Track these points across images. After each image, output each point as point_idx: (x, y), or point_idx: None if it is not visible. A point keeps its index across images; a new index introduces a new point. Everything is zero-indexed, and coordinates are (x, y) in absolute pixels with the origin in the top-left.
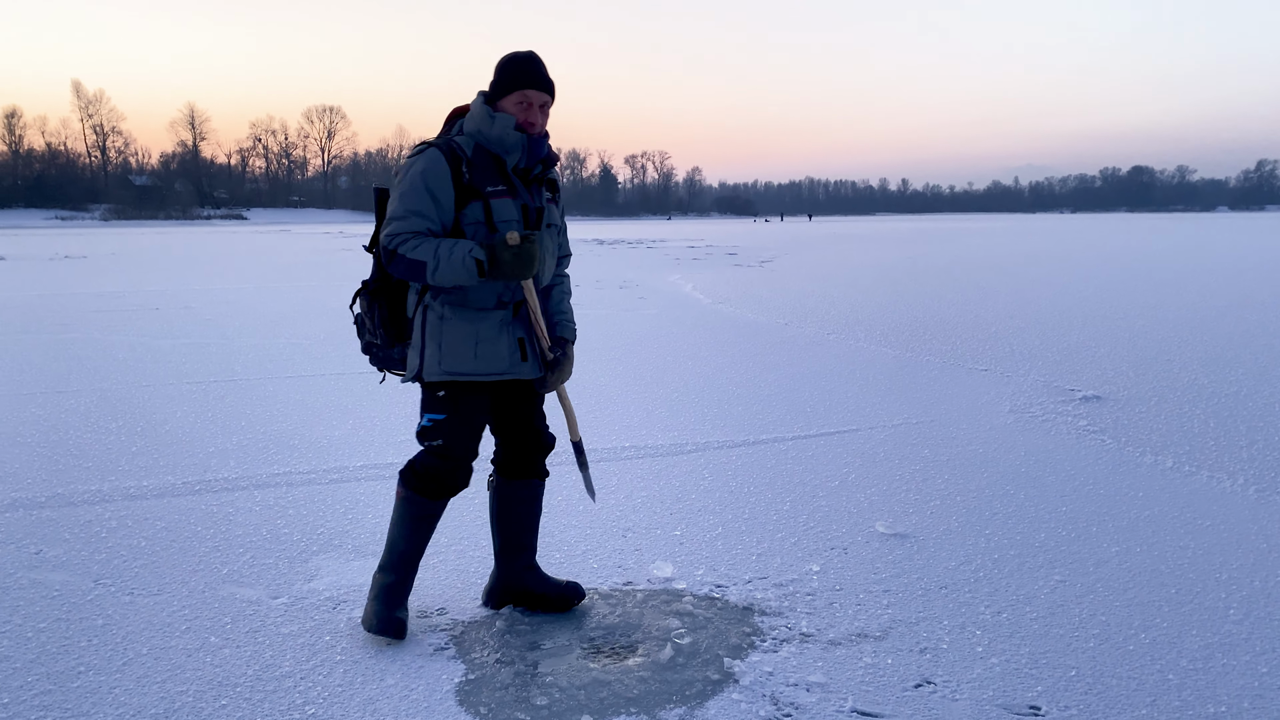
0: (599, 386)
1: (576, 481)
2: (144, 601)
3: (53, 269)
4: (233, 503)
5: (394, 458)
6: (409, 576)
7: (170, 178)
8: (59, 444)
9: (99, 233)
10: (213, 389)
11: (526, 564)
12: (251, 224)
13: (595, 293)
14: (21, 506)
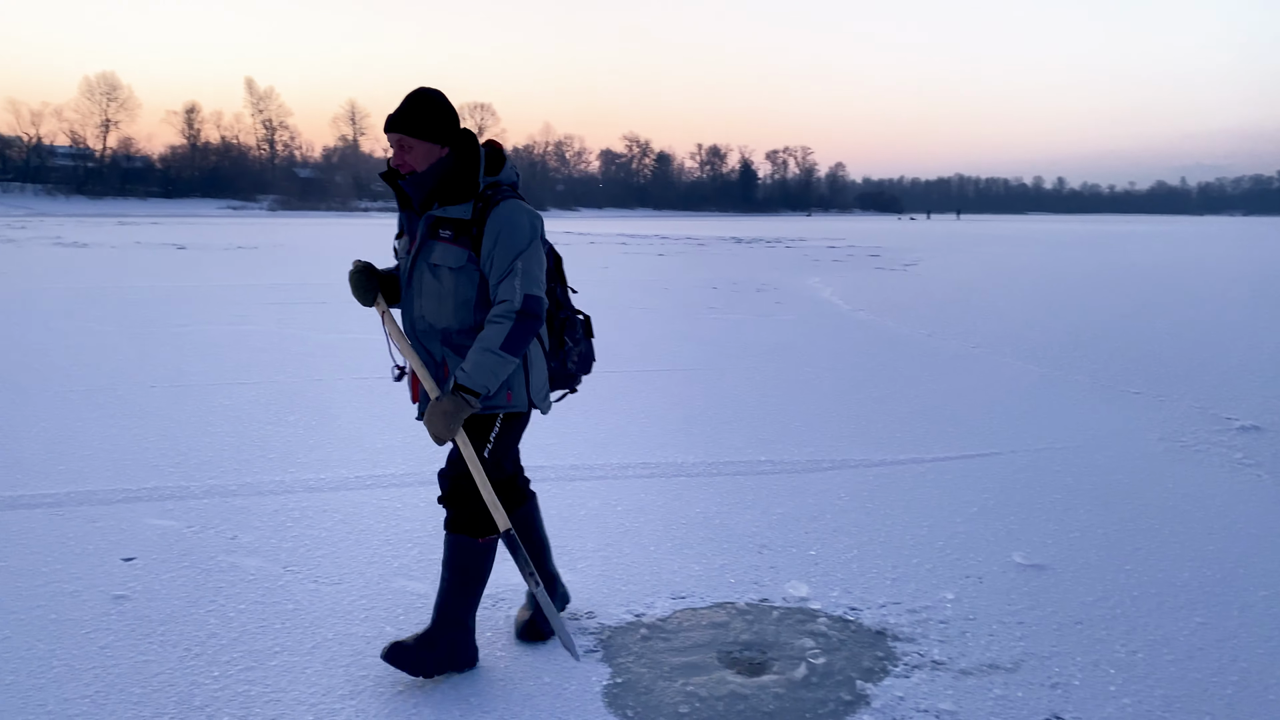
0: (735, 395)
1: (705, 495)
2: (327, 590)
3: (228, 259)
4: (400, 498)
5: (543, 460)
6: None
7: (331, 170)
8: (244, 434)
9: (267, 222)
10: (378, 385)
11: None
12: None
13: (731, 296)
14: (217, 494)
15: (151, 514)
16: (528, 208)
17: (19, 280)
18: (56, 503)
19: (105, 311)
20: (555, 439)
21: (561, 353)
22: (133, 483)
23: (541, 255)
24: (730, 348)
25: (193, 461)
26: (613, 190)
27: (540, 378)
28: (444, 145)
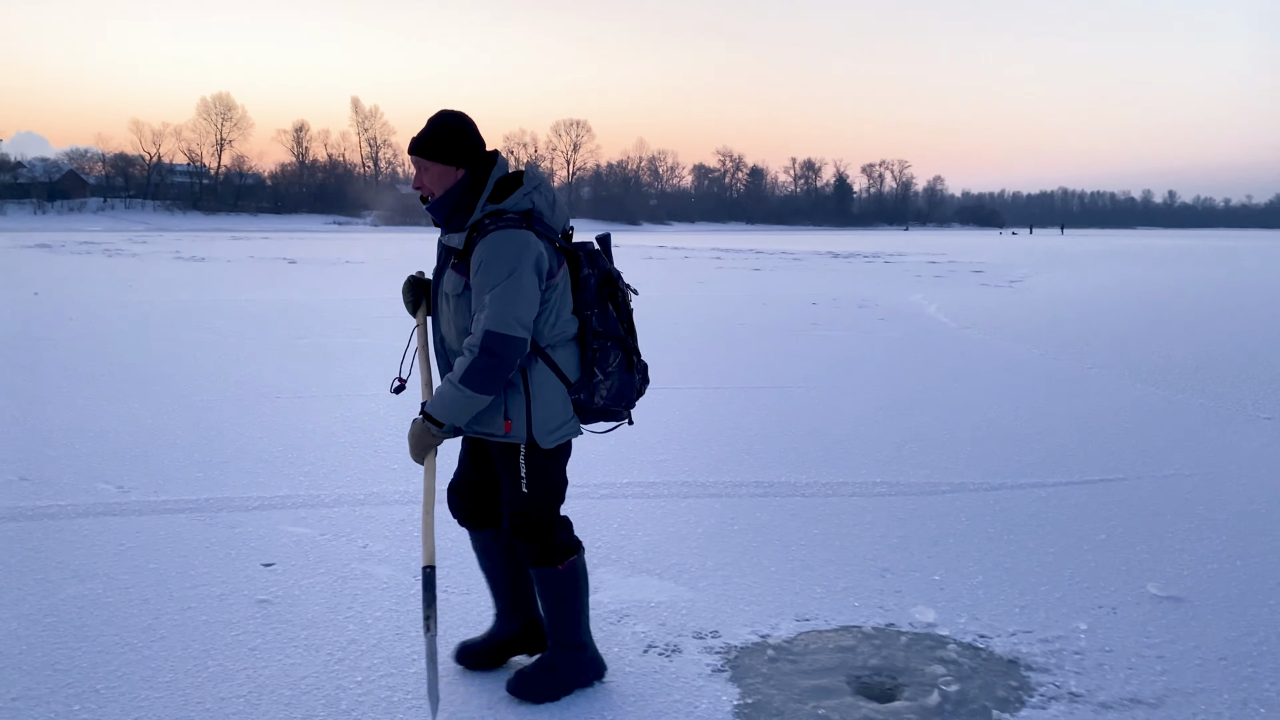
0: (845, 414)
1: (822, 516)
2: (457, 600)
3: (338, 274)
4: None
5: (656, 477)
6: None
7: None
8: (367, 445)
9: (371, 238)
10: None
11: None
12: None
13: (833, 312)
14: (346, 502)
15: (286, 521)
16: (521, 238)
17: (144, 293)
18: (198, 508)
19: (227, 324)
20: (667, 455)
21: (591, 384)
22: (267, 490)
23: (523, 289)
24: (836, 365)
25: (321, 470)
26: (705, 204)
27: (548, 411)
28: (459, 167)
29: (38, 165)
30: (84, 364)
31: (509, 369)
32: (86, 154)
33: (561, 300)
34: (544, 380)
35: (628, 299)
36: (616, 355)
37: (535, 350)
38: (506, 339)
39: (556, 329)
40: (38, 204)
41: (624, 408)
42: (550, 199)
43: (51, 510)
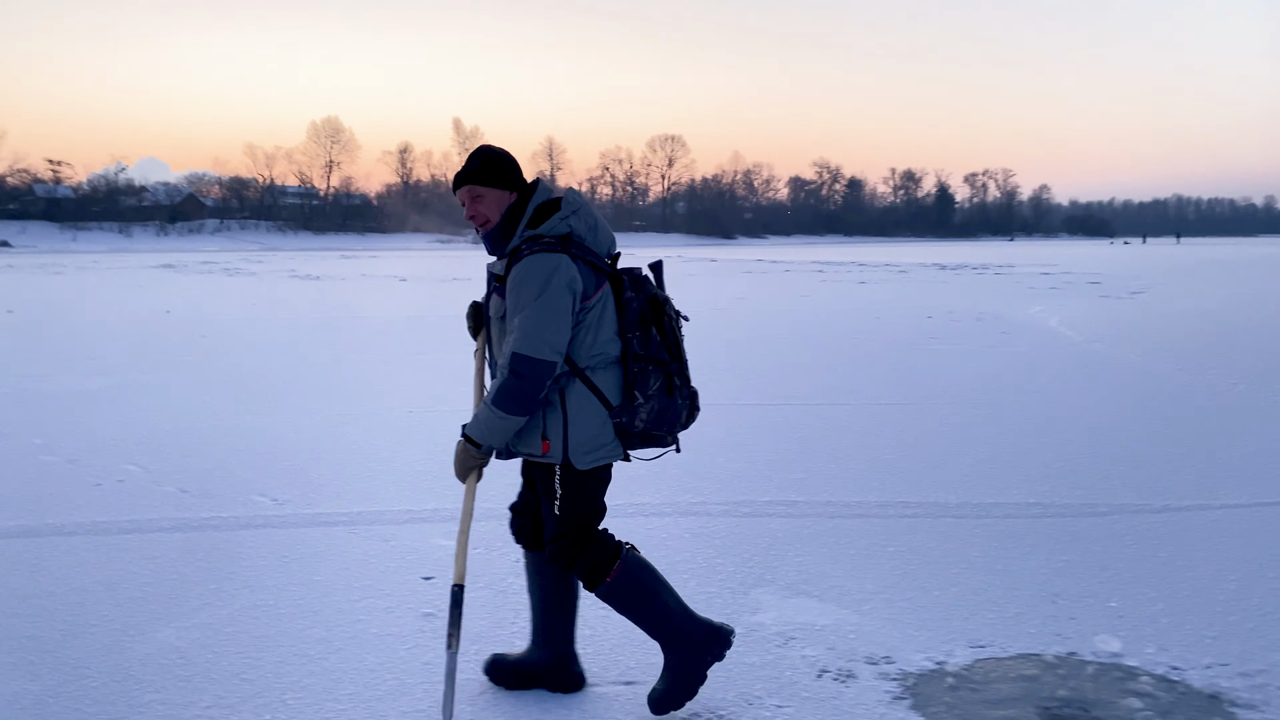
0: (983, 432)
1: (978, 538)
2: (614, 618)
3: (447, 290)
4: (664, 527)
5: (798, 495)
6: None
7: None
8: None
9: (475, 255)
10: None
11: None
12: None
13: (949, 325)
14: (493, 516)
15: (437, 535)
16: (553, 262)
17: (267, 310)
18: (351, 521)
19: (349, 339)
20: (805, 473)
21: (632, 408)
22: (414, 503)
23: (553, 312)
24: (963, 381)
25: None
26: (801, 217)
27: (585, 434)
28: (512, 191)
29: (160, 189)
30: (221, 379)
31: (538, 391)
32: (204, 177)
33: (600, 322)
34: (582, 402)
35: (677, 324)
36: (658, 379)
37: (574, 371)
38: (533, 361)
39: (595, 351)
40: (160, 226)
41: (666, 432)
42: (591, 222)
43: (214, 522)
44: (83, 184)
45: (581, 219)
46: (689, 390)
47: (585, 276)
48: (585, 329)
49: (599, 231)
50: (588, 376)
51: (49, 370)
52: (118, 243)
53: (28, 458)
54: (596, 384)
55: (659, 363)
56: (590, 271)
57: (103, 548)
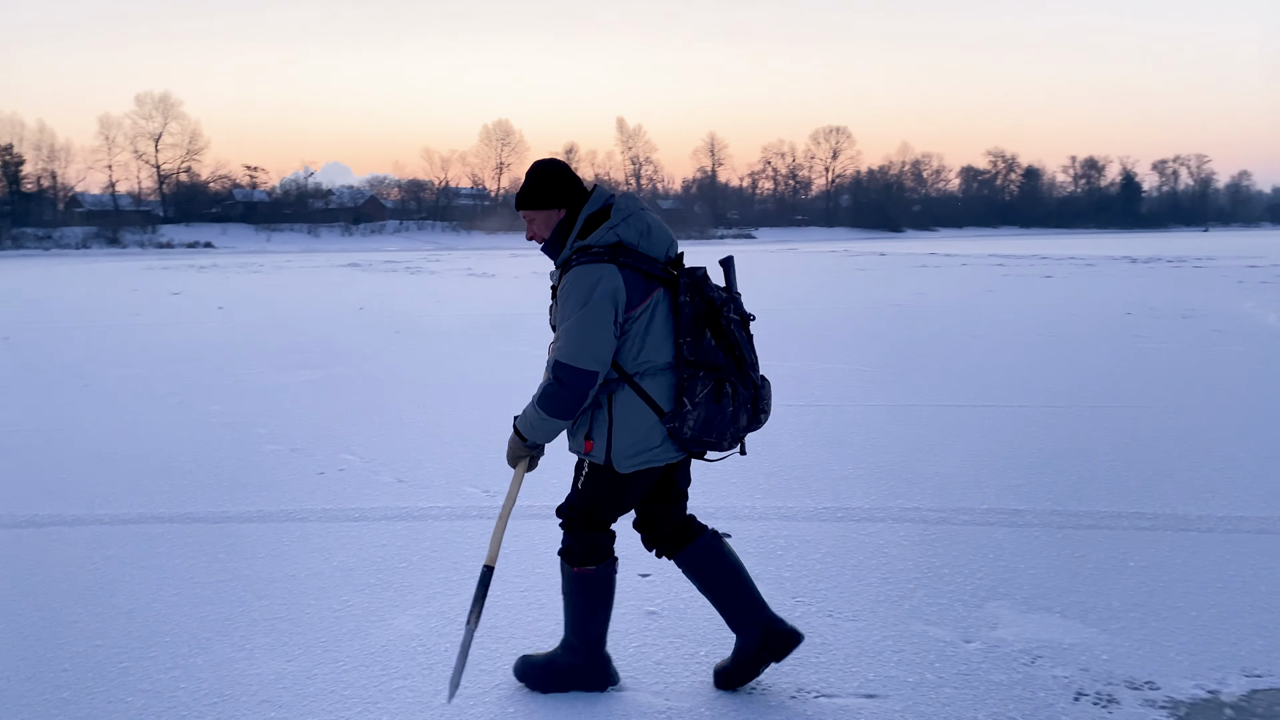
0: (1210, 439)
1: (1223, 555)
2: (846, 626)
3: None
4: (880, 533)
5: (1019, 503)
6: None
7: (690, 201)
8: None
9: None
10: (808, 414)
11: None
12: (759, 242)
13: (1153, 323)
14: (700, 515)
15: None
16: (596, 273)
17: (451, 306)
18: (541, 514)
19: (530, 336)
20: (1022, 479)
21: (681, 414)
22: None
23: (594, 323)
24: (1181, 382)
25: None
26: (974, 208)
27: (630, 439)
28: (560, 208)
29: (344, 192)
30: (418, 373)
31: (579, 398)
32: (384, 180)
33: (648, 330)
34: (629, 407)
35: (739, 325)
36: (705, 386)
37: (622, 377)
38: (573, 370)
39: (643, 358)
40: (345, 227)
41: (716, 439)
42: (642, 228)
43: (433, 511)
44: (275, 188)
45: (631, 226)
46: (747, 394)
47: (633, 285)
48: (632, 337)
49: (652, 236)
50: (636, 383)
51: (262, 364)
52: (307, 243)
53: (255, 447)
54: (646, 390)
55: (710, 368)
56: (639, 279)
57: (334, 534)
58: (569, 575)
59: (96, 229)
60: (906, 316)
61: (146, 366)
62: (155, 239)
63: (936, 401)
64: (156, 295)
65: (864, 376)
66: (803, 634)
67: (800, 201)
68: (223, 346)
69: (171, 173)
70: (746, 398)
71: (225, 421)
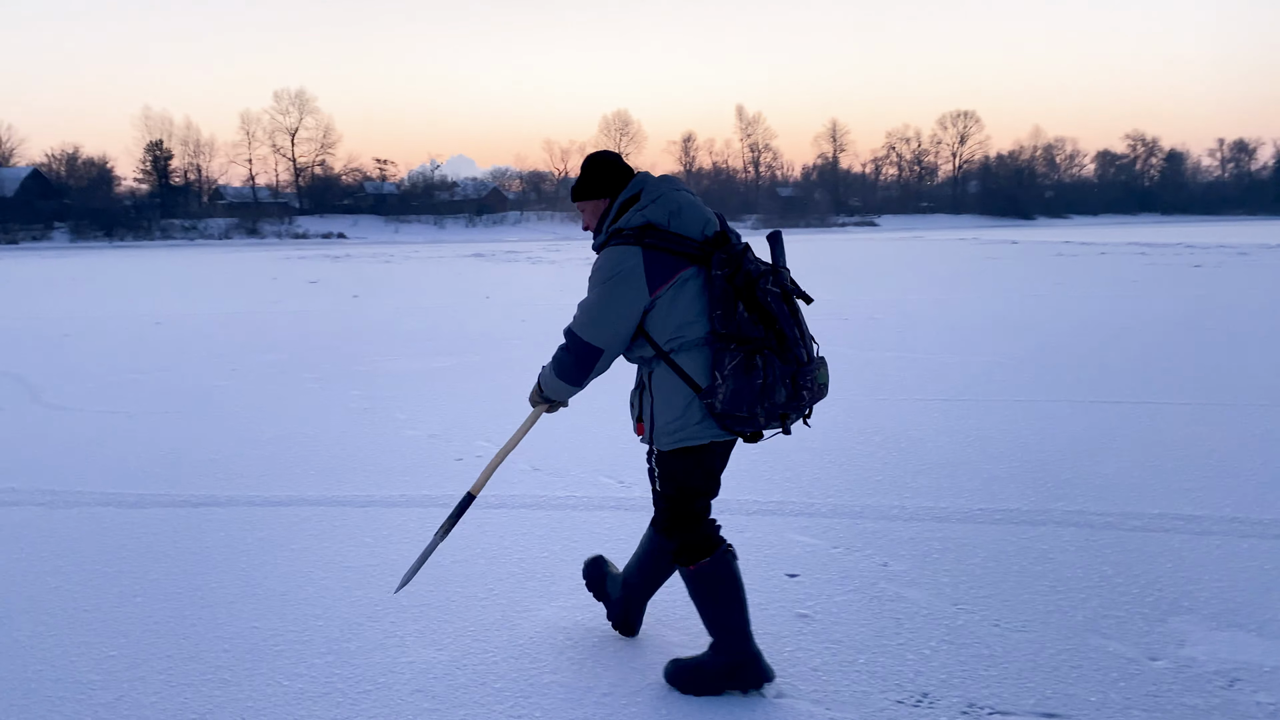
0: None
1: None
2: (1016, 638)
3: None
4: (1043, 538)
5: (1194, 509)
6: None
7: (810, 188)
8: (844, 452)
9: (753, 240)
10: (950, 408)
11: None
12: (882, 230)
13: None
14: (844, 514)
15: (791, 529)
16: (619, 255)
17: (574, 296)
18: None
19: None
20: (1195, 484)
21: (714, 388)
22: (763, 494)
23: (608, 302)
24: None
25: (805, 478)
26: (1110, 195)
27: (666, 416)
28: (605, 197)
29: (469, 184)
30: (546, 360)
31: (584, 368)
32: (506, 172)
33: (675, 305)
34: (666, 384)
35: (785, 298)
36: (734, 358)
37: (659, 354)
38: (579, 340)
39: (674, 333)
40: (469, 218)
41: (748, 413)
42: (672, 208)
43: (570, 501)
44: (403, 180)
45: (660, 207)
46: (785, 369)
47: (657, 263)
48: (662, 312)
49: (683, 216)
50: (671, 359)
51: (397, 350)
52: (433, 234)
53: (395, 432)
54: (681, 365)
55: (743, 340)
56: (666, 257)
57: (477, 520)
58: (687, 576)
59: (237, 220)
60: (1047, 307)
61: (288, 352)
62: (291, 230)
63: (1090, 397)
64: (295, 284)
65: (1007, 369)
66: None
67: (925, 188)
68: (359, 333)
69: (306, 166)
70: (784, 372)
71: (364, 407)
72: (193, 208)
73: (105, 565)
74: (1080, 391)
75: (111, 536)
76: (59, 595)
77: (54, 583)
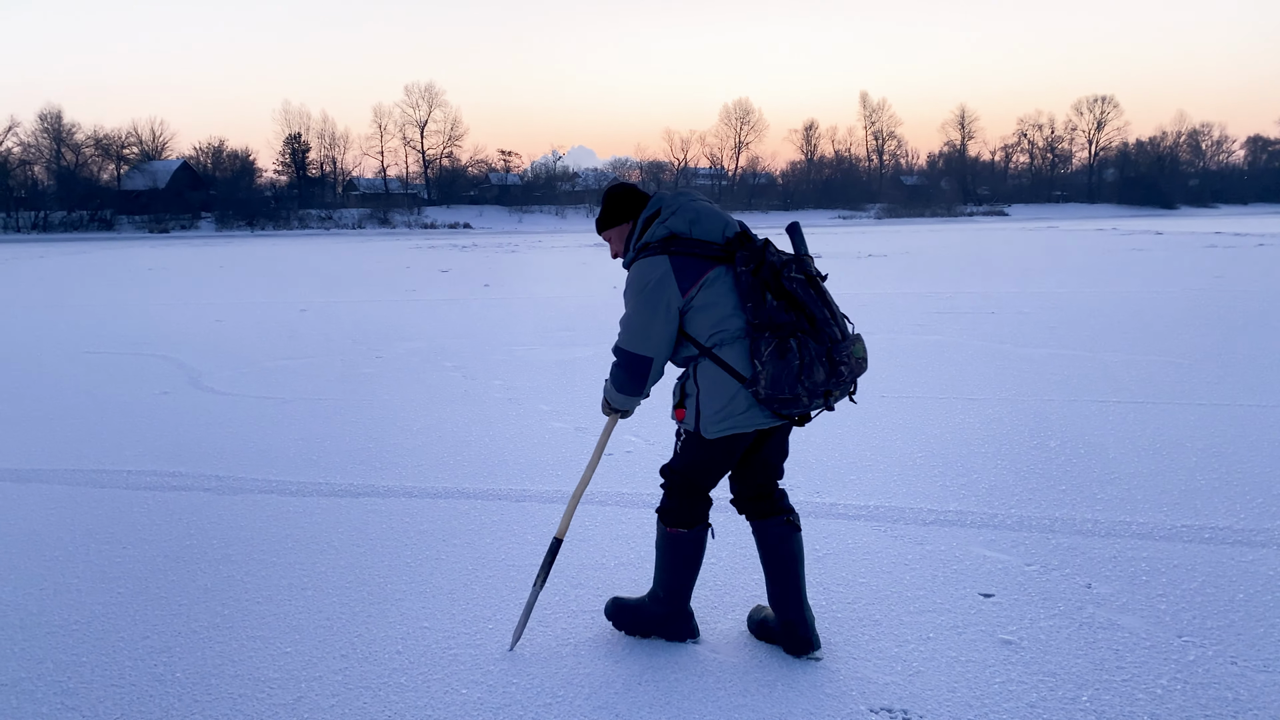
0: None
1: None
2: (1259, 679)
3: (859, 266)
4: (1263, 561)
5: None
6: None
7: (936, 177)
8: (1018, 459)
9: (879, 230)
10: (1128, 411)
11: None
12: (1013, 220)
13: None
14: (1029, 527)
15: (976, 542)
16: (646, 267)
17: None
18: (874, 516)
19: None
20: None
21: (756, 376)
22: (936, 502)
23: (645, 312)
24: None
25: (981, 486)
26: (1263, 182)
27: (714, 405)
28: (628, 221)
29: (589, 175)
30: None
31: (639, 378)
32: (626, 163)
33: (712, 304)
34: (712, 377)
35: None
36: (769, 344)
37: (702, 352)
38: (629, 354)
39: (715, 329)
40: (589, 208)
41: (791, 394)
42: (691, 216)
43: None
44: (526, 171)
45: (680, 217)
46: (819, 349)
47: (685, 268)
48: (698, 313)
49: (702, 222)
50: (714, 354)
51: (532, 340)
52: (554, 224)
53: (541, 424)
54: (724, 359)
55: (776, 327)
56: (693, 261)
57: (633, 520)
58: (663, 534)
59: (370, 210)
60: (1211, 302)
61: (428, 340)
62: (420, 220)
63: (1259, 402)
64: (428, 272)
65: (1182, 370)
66: (817, 645)
67: (1059, 176)
68: (495, 322)
69: (435, 158)
70: (819, 352)
71: (508, 397)
72: (328, 198)
73: (273, 555)
74: (1271, 395)
75: (277, 525)
76: (231, 585)
77: (226, 571)
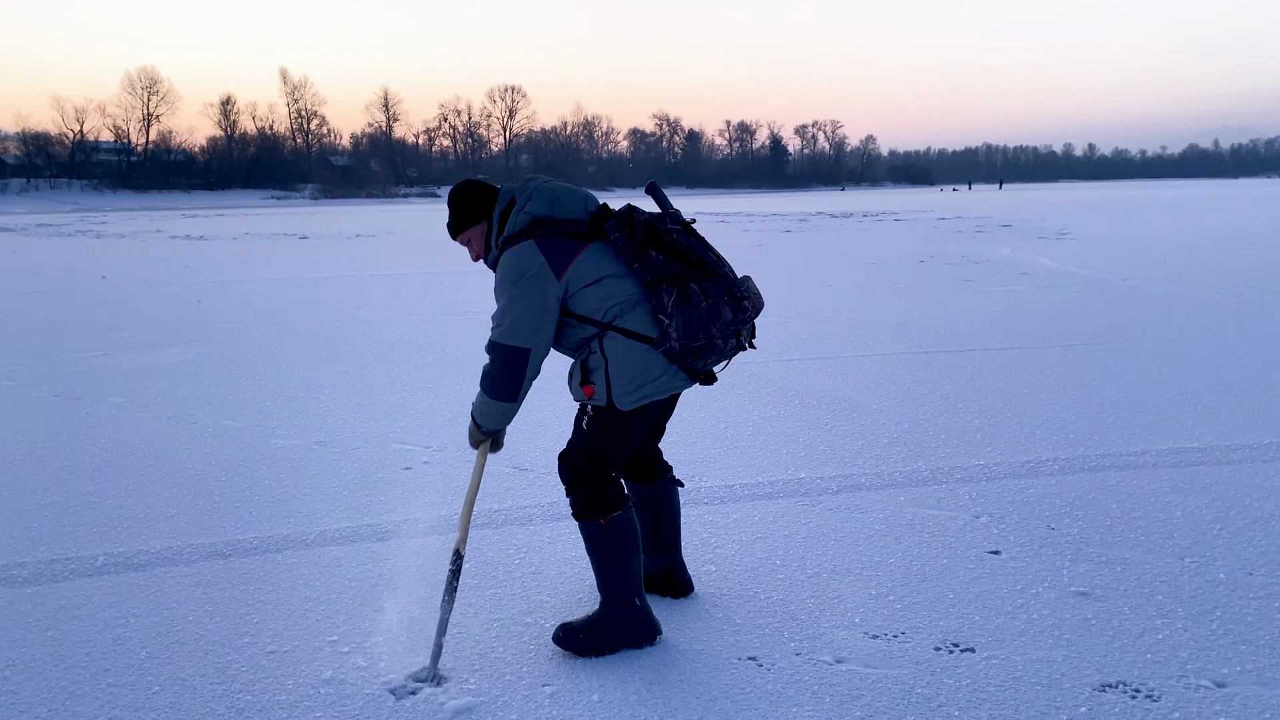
0: (1147, 377)
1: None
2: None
3: (371, 248)
4: None
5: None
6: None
7: (363, 158)
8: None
9: (333, 211)
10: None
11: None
12: (441, 200)
13: (950, 269)
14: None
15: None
16: (514, 256)
17: (214, 273)
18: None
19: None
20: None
21: (665, 332)
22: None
23: (516, 302)
24: (1086, 324)
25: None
26: (644, 169)
27: (627, 374)
28: (483, 220)
29: None
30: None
31: (515, 376)
32: (3, 136)
33: (595, 278)
34: (620, 346)
35: (688, 231)
36: (670, 294)
37: (602, 327)
38: (504, 348)
39: (611, 304)
40: None
41: (705, 340)
42: (549, 198)
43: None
44: None
45: (539, 200)
46: (718, 290)
47: (555, 249)
48: (581, 293)
49: (562, 201)
50: (616, 325)
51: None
52: None
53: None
54: (628, 326)
55: (670, 277)
56: (562, 241)
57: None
58: (595, 531)
59: None
60: None
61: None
62: None
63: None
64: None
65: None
66: (691, 589)
67: (481, 160)
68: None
69: None
70: (719, 292)
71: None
72: None
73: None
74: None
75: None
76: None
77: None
